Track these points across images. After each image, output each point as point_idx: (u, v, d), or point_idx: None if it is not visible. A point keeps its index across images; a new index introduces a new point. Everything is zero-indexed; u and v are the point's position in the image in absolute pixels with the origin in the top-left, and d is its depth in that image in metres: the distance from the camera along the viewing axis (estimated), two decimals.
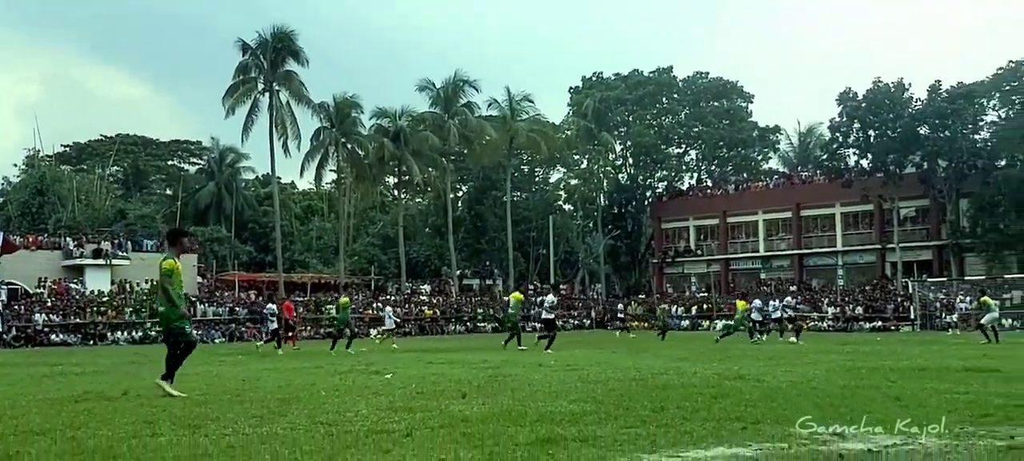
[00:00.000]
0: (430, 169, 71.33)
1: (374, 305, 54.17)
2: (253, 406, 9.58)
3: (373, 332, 49.62)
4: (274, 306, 31.94)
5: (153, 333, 47.26)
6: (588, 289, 76.95)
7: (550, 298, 27.09)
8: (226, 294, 56.79)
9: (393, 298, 57.58)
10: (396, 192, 78.52)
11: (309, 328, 51.06)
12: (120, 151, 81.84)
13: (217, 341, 46.32)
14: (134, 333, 47.35)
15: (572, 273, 79.28)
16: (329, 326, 53.54)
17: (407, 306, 57.47)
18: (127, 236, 58.36)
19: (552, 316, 26.37)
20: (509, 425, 7.53)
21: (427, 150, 67.15)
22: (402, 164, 67.32)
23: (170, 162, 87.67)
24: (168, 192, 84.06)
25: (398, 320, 45.55)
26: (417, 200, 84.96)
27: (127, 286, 52.31)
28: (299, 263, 77.73)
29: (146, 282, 52.85)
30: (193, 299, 47.89)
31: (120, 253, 54.58)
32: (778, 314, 34.47)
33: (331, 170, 69.44)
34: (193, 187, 79.37)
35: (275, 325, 30.45)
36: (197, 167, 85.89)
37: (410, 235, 76.27)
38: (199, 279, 57.36)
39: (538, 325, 34.33)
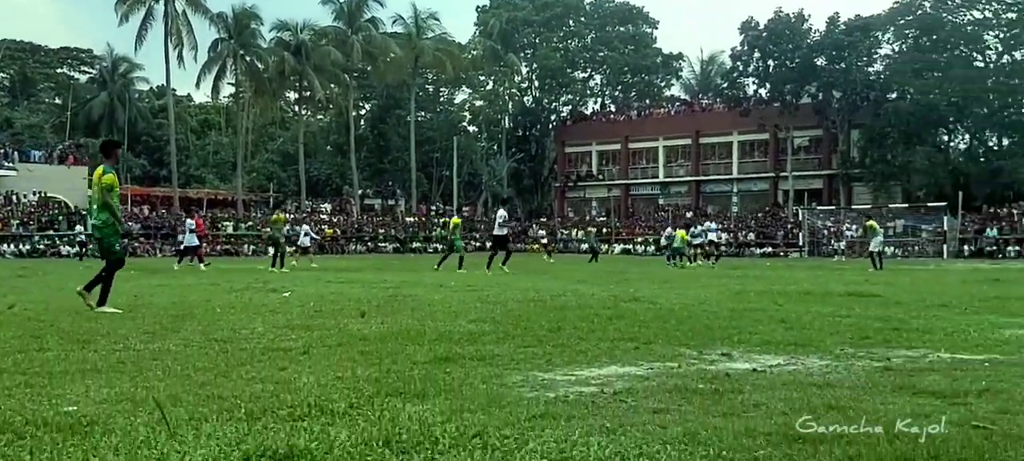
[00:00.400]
0: (332, 85, 70.14)
1: None
2: (145, 322, 9.39)
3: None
4: (192, 222, 31.50)
5: (41, 247, 45.89)
6: (491, 211, 77.23)
7: (502, 213, 25.65)
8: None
9: (304, 216, 56.79)
10: (297, 108, 77.12)
11: (206, 245, 50.14)
12: (6, 57, 78.11)
13: None
14: (21, 246, 45.87)
15: (475, 195, 79.40)
16: (226, 243, 52.95)
17: (306, 225, 56.81)
18: (13, 146, 56.31)
19: (504, 232, 25.08)
20: (407, 344, 7.56)
21: (329, 66, 65.93)
22: (303, 79, 66.02)
23: (60, 70, 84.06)
24: (57, 101, 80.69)
25: (316, 239, 45.31)
26: (318, 117, 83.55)
27: (13, 198, 50.45)
28: (195, 178, 75.98)
29: (34, 194, 51.15)
30: (84, 213, 46.55)
31: (6, 164, 52.77)
32: (699, 240, 35.66)
33: (229, 83, 67.79)
34: (84, 97, 76.31)
35: (195, 241, 30.17)
36: (88, 76, 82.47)
37: (311, 153, 75.17)
38: (90, 192, 55.69)
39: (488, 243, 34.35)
